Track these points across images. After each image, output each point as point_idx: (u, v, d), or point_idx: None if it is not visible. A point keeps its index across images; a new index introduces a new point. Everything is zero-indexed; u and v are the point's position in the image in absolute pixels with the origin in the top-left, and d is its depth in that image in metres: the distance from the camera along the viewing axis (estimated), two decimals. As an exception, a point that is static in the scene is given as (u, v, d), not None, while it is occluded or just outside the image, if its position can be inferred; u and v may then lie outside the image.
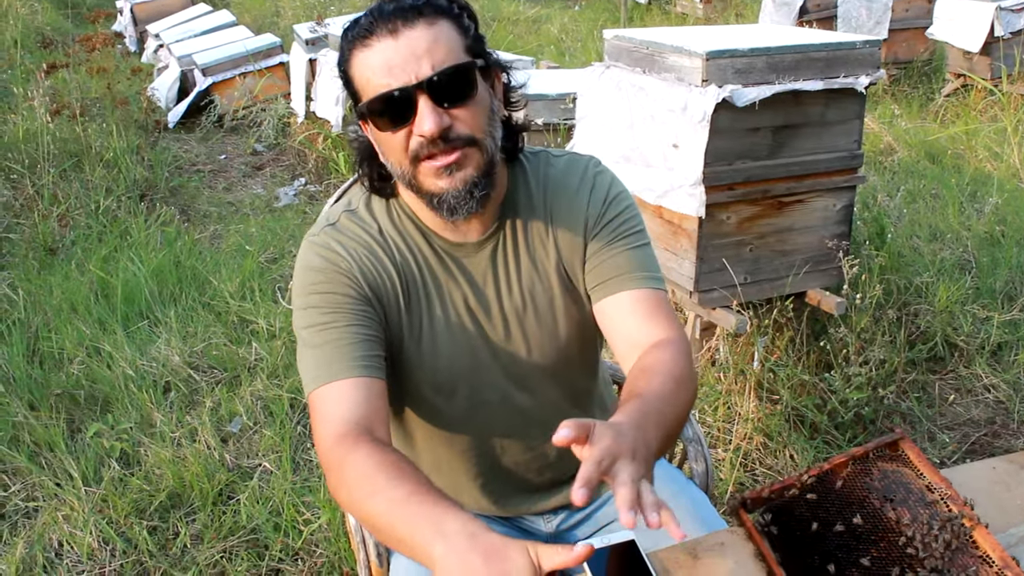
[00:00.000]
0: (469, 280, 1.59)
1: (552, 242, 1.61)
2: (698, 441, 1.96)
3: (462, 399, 1.63)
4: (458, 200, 1.44)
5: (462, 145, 1.42)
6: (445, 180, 1.43)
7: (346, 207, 1.60)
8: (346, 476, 1.34)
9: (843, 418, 3.10)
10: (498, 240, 1.59)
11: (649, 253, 1.63)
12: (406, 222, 1.57)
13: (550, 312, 1.62)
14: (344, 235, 1.55)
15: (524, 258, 1.60)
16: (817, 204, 3.18)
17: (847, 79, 3.01)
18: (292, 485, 2.96)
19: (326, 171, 6.36)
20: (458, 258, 1.58)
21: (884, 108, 7.12)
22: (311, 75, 6.83)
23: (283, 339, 3.76)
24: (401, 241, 1.57)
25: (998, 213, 4.87)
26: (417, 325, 1.57)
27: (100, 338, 3.88)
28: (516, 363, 1.62)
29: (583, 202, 1.61)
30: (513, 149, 1.59)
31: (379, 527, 1.28)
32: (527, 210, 1.60)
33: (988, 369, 3.64)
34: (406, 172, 1.45)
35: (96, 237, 5.09)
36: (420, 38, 1.37)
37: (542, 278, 1.61)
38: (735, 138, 2.95)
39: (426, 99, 1.38)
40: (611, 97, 3.23)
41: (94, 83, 8.09)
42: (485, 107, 1.45)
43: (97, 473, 3.10)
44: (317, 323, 1.48)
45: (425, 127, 1.38)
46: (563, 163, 1.65)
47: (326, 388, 1.44)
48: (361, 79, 1.41)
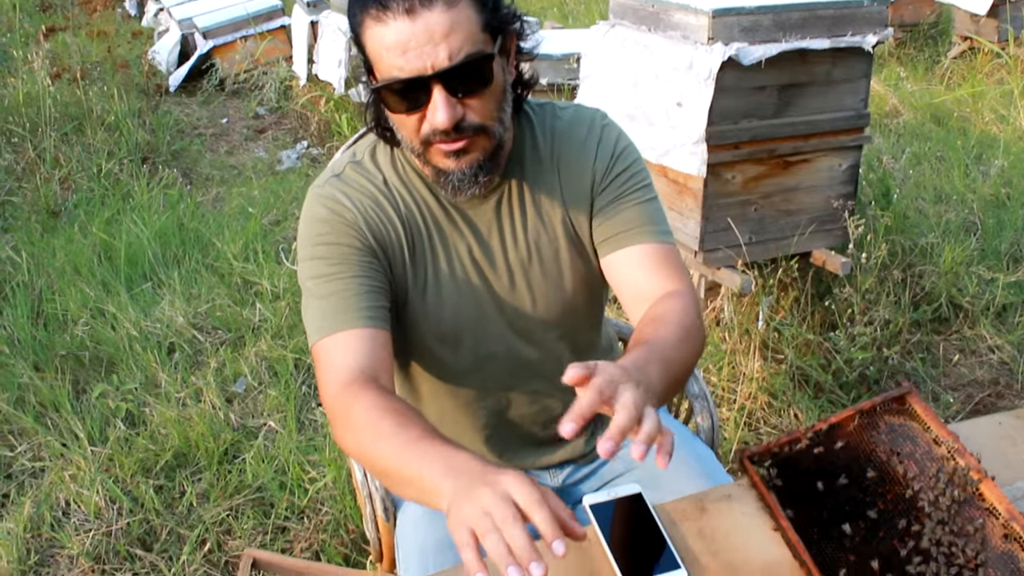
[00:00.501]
0: (474, 231, 1.58)
1: (558, 194, 1.60)
2: (704, 397, 1.96)
3: (467, 351, 1.62)
4: (463, 182, 1.44)
5: (472, 134, 1.40)
6: (452, 162, 1.43)
7: (351, 159, 1.59)
8: (352, 422, 1.34)
9: (847, 378, 3.10)
10: (503, 192, 1.58)
11: (657, 207, 1.62)
12: (411, 174, 1.56)
13: (555, 264, 1.61)
14: (349, 186, 1.54)
15: (530, 210, 1.59)
16: (823, 164, 3.16)
17: (854, 38, 2.99)
18: (297, 444, 2.97)
19: (328, 134, 6.33)
20: (463, 209, 1.57)
21: (890, 71, 7.07)
22: (313, 37, 6.79)
23: (287, 300, 3.76)
24: (406, 192, 1.56)
25: (1004, 175, 4.84)
26: (422, 276, 1.56)
27: (104, 300, 3.88)
28: (521, 315, 1.62)
29: (590, 155, 1.60)
30: (518, 101, 1.56)
31: (387, 471, 1.28)
32: (533, 162, 1.59)
33: (992, 330, 3.63)
34: (416, 148, 1.44)
35: (98, 200, 5.08)
36: (437, 22, 1.31)
37: (548, 230, 1.60)
38: (741, 97, 2.93)
39: (441, 89, 1.34)
40: (616, 56, 3.21)
41: (94, 46, 8.05)
42: (499, 91, 1.43)
43: (103, 433, 3.11)
44: (322, 274, 1.48)
45: (438, 119, 1.35)
46: (569, 115, 1.64)
47: (331, 338, 1.44)
48: (374, 52, 1.37)
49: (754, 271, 3.15)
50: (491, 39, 1.39)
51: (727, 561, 1.30)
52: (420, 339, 1.62)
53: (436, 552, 1.54)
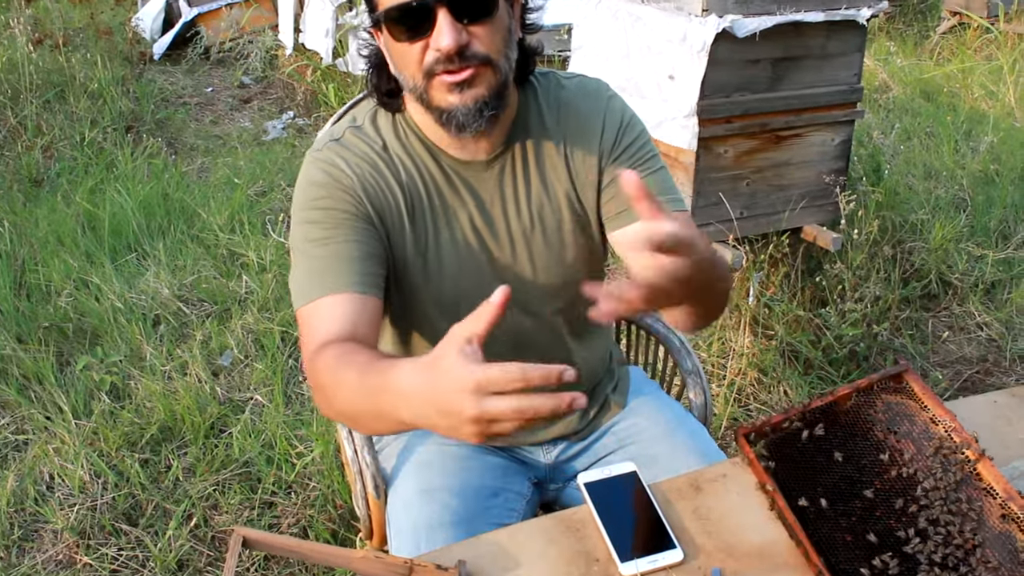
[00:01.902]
0: (476, 199, 1.56)
1: (563, 164, 1.58)
2: (697, 373, 1.95)
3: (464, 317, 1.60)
4: (467, 117, 1.40)
5: (477, 63, 1.37)
6: (456, 96, 1.39)
7: (351, 123, 1.56)
8: (318, 382, 1.32)
9: (837, 354, 3.09)
10: (507, 160, 1.56)
11: (667, 176, 1.61)
12: (412, 139, 1.54)
13: (557, 234, 1.59)
14: (348, 150, 1.51)
15: (534, 178, 1.57)
16: (815, 139, 3.14)
17: (848, 11, 2.96)
18: (284, 418, 2.95)
19: (315, 104, 6.27)
20: (465, 177, 1.55)
21: (879, 45, 7.05)
22: (299, 6, 6.71)
23: (274, 272, 3.73)
24: (407, 158, 1.53)
25: (993, 152, 4.84)
26: (422, 244, 1.54)
27: (88, 271, 3.84)
28: (521, 285, 1.60)
29: (597, 127, 1.58)
30: (524, 71, 1.54)
31: (356, 418, 1.28)
32: (538, 131, 1.57)
33: (981, 307, 3.63)
34: (418, 85, 1.40)
35: (82, 169, 5.02)
36: None
37: (551, 199, 1.58)
38: (734, 70, 2.90)
39: (446, 13, 1.33)
40: (608, 27, 3.17)
41: (77, 12, 7.94)
42: (503, 27, 1.41)
43: (87, 406, 3.08)
44: (315, 238, 1.45)
45: (443, 42, 1.33)
46: (574, 85, 1.62)
47: (316, 303, 1.41)
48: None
49: (745, 246, 3.14)
50: None
51: (723, 541, 1.28)
52: (419, 307, 1.60)
53: (429, 531, 1.52)
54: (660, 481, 1.40)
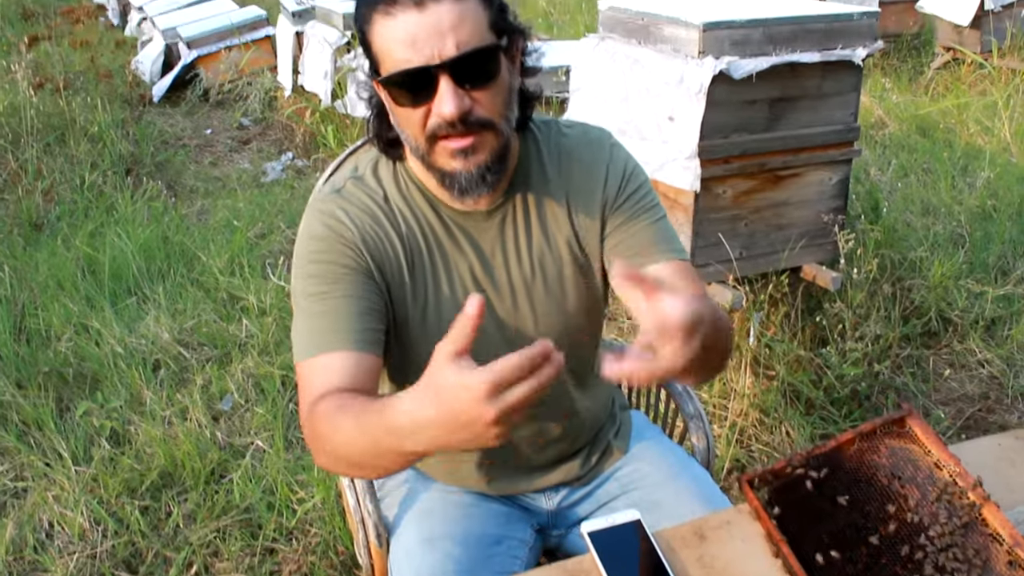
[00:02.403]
0: (477, 250, 1.56)
1: (565, 213, 1.58)
2: (699, 417, 1.94)
3: None
4: (470, 182, 1.42)
5: (479, 129, 1.38)
6: (459, 162, 1.40)
7: (352, 173, 1.57)
8: (316, 433, 1.33)
9: (839, 394, 3.09)
10: (508, 210, 1.56)
11: (669, 225, 1.61)
12: (413, 190, 1.54)
13: (559, 283, 1.60)
14: (349, 202, 1.52)
15: (535, 227, 1.58)
16: (813, 178, 3.15)
17: (844, 51, 2.98)
18: (285, 463, 2.93)
19: (314, 145, 6.30)
20: (466, 228, 1.55)
21: (874, 81, 7.09)
22: (298, 48, 6.76)
23: (274, 315, 3.73)
24: (407, 210, 1.53)
25: (990, 187, 4.85)
26: (421, 297, 1.54)
27: (88, 315, 3.84)
28: (522, 334, 1.59)
29: (600, 176, 1.58)
30: (523, 118, 1.55)
31: (356, 460, 1.28)
32: (539, 180, 1.58)
33: (982, 344, 3.63)
34: (420, 147, 1.41)
35: (82, 212, 5.04)
36: (446, 13, 1.31)
37: (552, 248, 1.58)
38: (731, 111, 2.92)
39: (448, 80, 1.33)
40: (606, 69, 3.19)
41: (77, 56, 8.00)
42: (505, 88, 1.42)
43: (87, 452, 3.07)
44: (315, 292, 1.45)
45: (445, 109, 1.34)
46: (576, 134, 1.63)
47: (314, 360, 1.41)
48: (381, 48, 1.36)
49: (744, 286, 3.14)
50: (497, 37, 1.38)
51: (729, 591, 1.28)
52: (417, 360, 1.59)
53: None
54: (664, 529, 1.39)
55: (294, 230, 4.73)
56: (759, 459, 2.94)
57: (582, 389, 1.72)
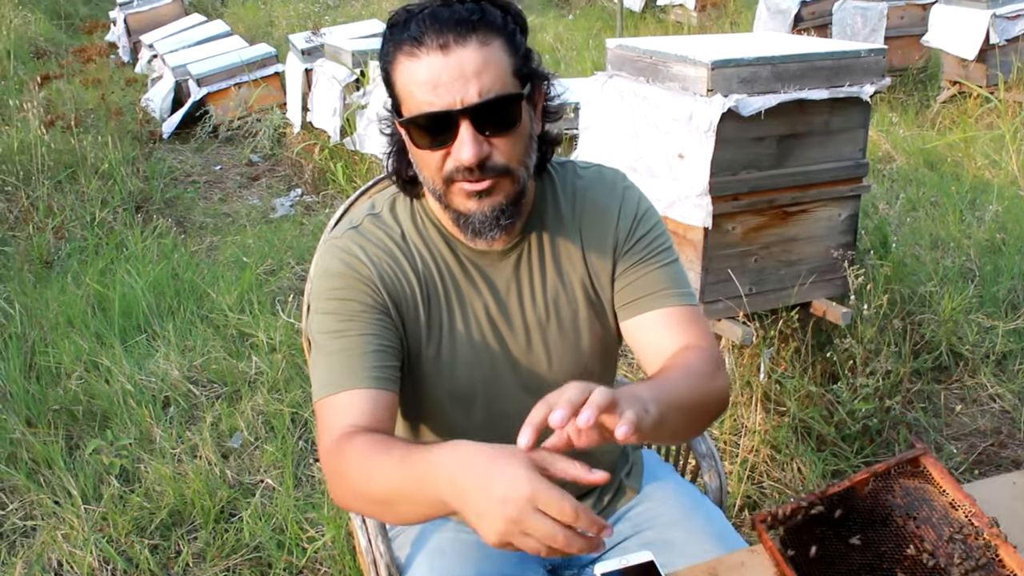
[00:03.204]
0: (492, 289, 1.57)
1: (579, 254, 1.60)
2: (711, 456, 1.93)
3: (479, 411, 1.60)
4: (484, 224, 1.44)
5: (496, 175, 1.40)
6: (474, 203, 1.42)
7: (369, 210, 1.59)
8: (344, 469, 1.34)
9: (850, 430, 3.07)
10: (523, 250, 1.58)
11: (680, 269, 1.62)
12: (430, 228, 1.56)
13: (573, 324, 1.60)
14: (366, 239, 1.53)
15: (549, 268, 1.59)
16: (822, 214, 3.15)
17: (852, 88, 2.99)
18: (295, 502, 2.92)
19: (323, 182, 6.33)
20: (481, 267, 1.57)
21: (881, 115, 7.11)
22: (307, 85, 6.81)
23: (283, 352, 3.73)
24: (424, 248, 1.55)
25: (998, 221, 4.85)
26: (436, 334, 1.54)
27: (98, 352, 3.84)
28: (535, 375, 1.60)
29: (612, 218, 1.60)
30: (542, 161, 1.56)
31: (387, 500, 1.28)
32: (554, 221, 1.59)
33: (993, 379, 3.61)
34: (437, 188, 1.43)
35: (92, 249, 5.06)
36: (470, 59, 1.33)
37: (567, 289, 1.60)
38: (740, 148, 2.93)
39: (468, 125, 1.35)
40: (615, 107, 3.21)
41: (89, 94, 8.05)
42: (525, 135, 1.43)
43: (96, 490, 3.06)
44: (332, 330, 1.46)
45: (464, 155, 1.36)
46: (591, 175, 1.64)
47: (335, 397, 1.42)
48: (404, 88, 1.39)
49: (754, 322, 3.14)
50: (520, 84, 1.40)
51: (745, 635, 1.27)
52: (432, 397, 1.60)
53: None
54: (678, 570, 1.38)
55: (303, 266, 4.74)
56: (771, 495, 2.92)
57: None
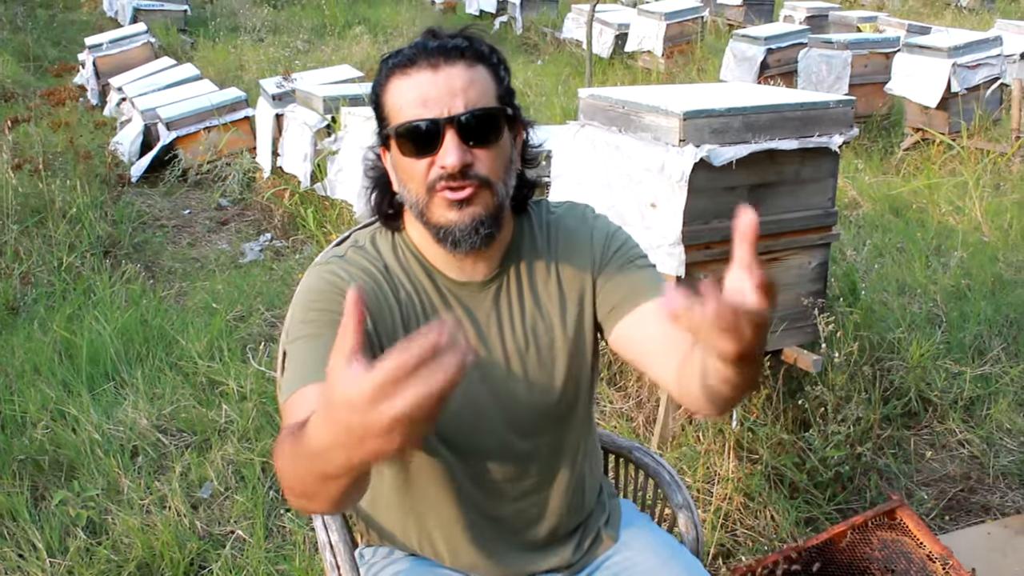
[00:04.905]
0: (472, 320, 1.61)
1: (556, 284, 1.66)
2: (688, 508, 1.93)
3: (461, 440, 1.62)
4: (463, 234, 1.48)
5: (477, 183, 1.46)
6: (455, 213, 1.47)
7: (353, 244, 1.63)
8: (277, 467, 1.22)
9: (822, 477, 3.08)
10: (503, 281, 1.63)
11: (658, 274, 1.69)
12: (411, 260, 1.61)
13: (550, 353, 1.65)
14: (350, 264, 1.58)
15: (528, 299, 1.64)
16: (793, 262, 3.19)
17: (821, 138, 3.05)
18: (266, 553, 2.88)
19: (293, 227, 6.31)
20: (462, 298, 1.61)
21: (847, 161, 7.21)
22: (278, 130, 6.81)
23: (254, 401, 3.69)
24: (405, 278, 1.60)
25: (963, 267, 4.92)
26: None
27: (65, 401, 3.79)
28: (515, 404, 1.63)
29: (586, 241, 1.67)
30: (522, 201, 1.64)
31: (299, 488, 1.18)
32: (531, 253, 1.66)
33: (962, 424, 3.65)
34: (420, 200, 1.49)
35: (59, 295, 5.00)
36: (458, 76, 1.44)
37: (545, 319, 1.65)
38: (712, 197, 2.96)
39: (453, 134, 1.43)
40: (587, 156, 3.24)
41: (57, 137, 8.01)
42: (505, 154, 1.51)
43: (63, 543, 3.00)
44: (306, 335, 1.47)
45: (448, 159, 1.43)
46: (563, 209, 1.73)
47: (298, 393, 1.38)
48: (394, 105, 1.47)
49: (727, 369, 3.14)
50: (503, 106, 1.50)
51: None
52: None
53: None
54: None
55: (273, 312, 4.72)
56: (744, 543, 2.92)
57: (569, 467, 1.74)
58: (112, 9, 14.54)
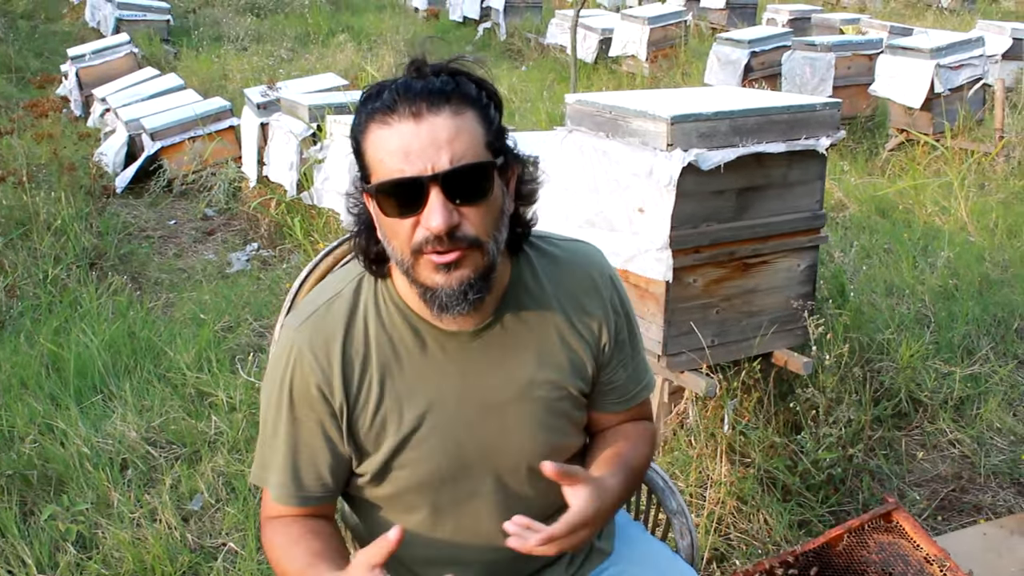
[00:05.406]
0: (461, 372, 1.54)
1: (558, 335, 1.58)
2: (683, 514, 1.93)
3: (447, 494, 1.58)
4: (451, 299, 1.41)
5: (465, 246, 1.38)
6: (442, 276, 1.39)
7: (333, 294, 1.56)
8: (268, 552, 1.57)
9: (815, 479, 3.08)
10: (496, 330, 1.55)
11: (643, 356, 1.72)
12: (393, 312, 1.53)
13: (547, 403, 1.58)
14: (319, 333, 1.52)
15: (525, 348, 1.56)
16: (781, 265, 3.19)
17: (808, 141, 3.05)
18: (259, 566, 2.87)
19: (279, 236, 6.29)
20: (450, 350, 1.53)
21: (832, 163, 7.23)
22: (263, 139, 6.79)
23: (244, 412, 3.67)
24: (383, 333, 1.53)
25: (950, 267, 4.94)
26: (396, 425, 1.53)
27: (53, 415, 3.76)
28: (505, 455, 1.58)
29: (599, 312, 1.62)
30: (517, 242, 1.55)
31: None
32: (531, 301, 1.57)
33: (952, 424, 3.65)
34: (405, 260, 1.40)
35: (45, 308, 4.97)
36: (443, 127, 1.33)
37: (542, 368, 1.57)
38: (700, 201, 2.96)
39: (438, 192, 1.34)
40: (574, 161, 3.23)
41: (41, 149, 7.97)
42: (496, 208, 1.42)
43: (52, 558, 2.98)
44: (277, 420, 1.56)
45: (433, 222, 1.34)
46: (570, 249, 1.65)
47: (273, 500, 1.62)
48: (374, 157, 1.38)
49: (717, 374, 3.15)
50: (492, 156, 1.40)
51: None
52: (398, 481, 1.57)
53: None
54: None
55: (262, 323, 4.70)
56: (738, 547, 2.91)
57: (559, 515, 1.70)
58: (94, 20, 14.47)
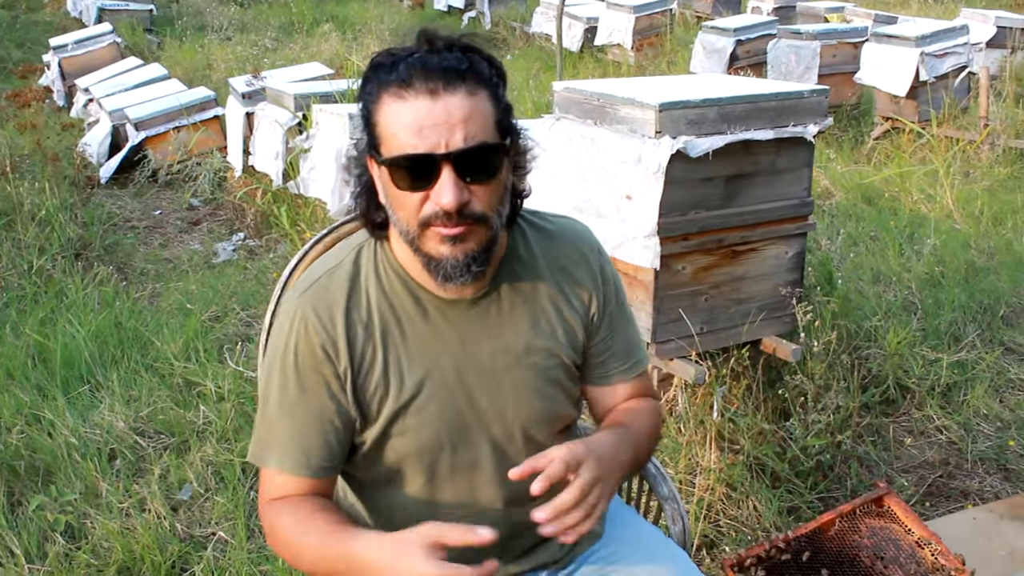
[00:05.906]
0: (460, 339, 1.57)
1: (551, 303, 1.62)
2: (674, 499, 1.93)
3: (446, 460, 1.60)
4: (455, 269, 1.44)
5: (472, 222, 1.41)
6: (448, 248, 1.42)
7: (335, 264, 1.58)
8: (275, 535, 1.53)
9: (803, 465, 3.09)
10: (494, 298, 1.59)
11: (635, 328, 1.74)
12: (393, 279, 1.56)
13: (543, 369, 1.62)
14: (323, 302, 1.54)
15: (520, 315, 1.60)
16: (770, 252, 3.19)
17: (796, 128, 3.05)
18: (249, 554, 2.86)
19: (266, 226, 6.27)
20: (450, 317, 1.57)
21: (818, 151, 7.24)
22: (248, 129, 6.75)
23: (232, 401, 3.66)
24: (384, 301, 1.55)
25: (936, 254, 4.96)
26: (397, 391, 1.55)
27: (39, 405, 3.74)
28: (503, 421, 1.61)
29: (590, 283, 1.66)
30: (513, 212, 1.58)
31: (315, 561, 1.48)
32: (525, 270, 1.61)
33: (940, 411, 3.67)
34: (411, 231, 1.44)
35: (31, 299, 4.94)
36: (458, 106, 1.35)
37: (538, 335, 1.61)
38: (688, 188, 2.96)
39: (451, 170, 1.37)
40: (562, 149, 3.23)
41: (24, 139, 7.92)
42: (502, 186, 1.46)
43: (41, 549, 2.97)
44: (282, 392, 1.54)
45: (444, 199, 1.37)
46: (560, 224, 1.69)
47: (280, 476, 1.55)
48: (386, 130, 1.39)
49: (706, 361, 3.15)
50: (502, 136, 1.43)
51: None
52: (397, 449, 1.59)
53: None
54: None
55: (249, 312, 4.68)
56: (727, 534, 2.92)
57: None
58: (76, 9, 14.39)
